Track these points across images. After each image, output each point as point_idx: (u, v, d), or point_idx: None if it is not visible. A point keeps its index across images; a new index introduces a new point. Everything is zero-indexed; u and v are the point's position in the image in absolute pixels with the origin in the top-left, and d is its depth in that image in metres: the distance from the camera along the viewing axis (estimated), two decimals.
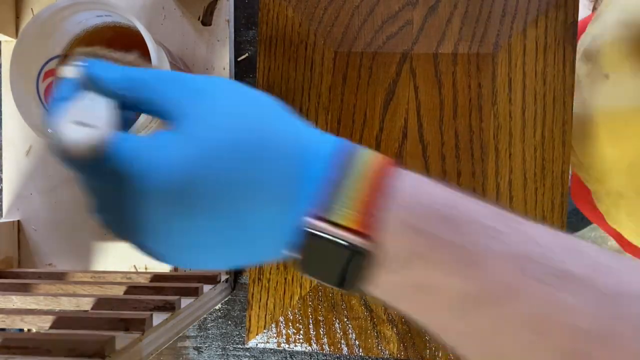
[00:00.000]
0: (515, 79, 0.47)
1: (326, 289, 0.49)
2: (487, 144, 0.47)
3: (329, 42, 0.50)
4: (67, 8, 0.39)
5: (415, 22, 0.49)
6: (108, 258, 0.52)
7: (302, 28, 0.50)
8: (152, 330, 0.35)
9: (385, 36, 0.49)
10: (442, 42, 0.48)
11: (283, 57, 0.50)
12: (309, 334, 0.49)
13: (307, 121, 0.27)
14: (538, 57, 0.47)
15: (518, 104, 0.47)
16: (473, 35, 0.48)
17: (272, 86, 0.50)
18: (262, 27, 0.51)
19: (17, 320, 0.35)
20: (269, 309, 0.50)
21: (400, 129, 0.49)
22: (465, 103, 0.48)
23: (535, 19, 0.47)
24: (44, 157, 0.53)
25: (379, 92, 0.49)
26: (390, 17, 0.49)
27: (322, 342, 0.49)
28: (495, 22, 0.47)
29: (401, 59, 0.49)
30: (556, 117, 0.47)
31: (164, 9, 0.51)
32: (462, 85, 0.48)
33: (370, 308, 0.48)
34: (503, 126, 0.47)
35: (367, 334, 0.48)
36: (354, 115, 0.49)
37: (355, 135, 0.49)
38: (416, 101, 0.48)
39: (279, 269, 0.50)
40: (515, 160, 0.47)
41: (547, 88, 0.47)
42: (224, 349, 0.54)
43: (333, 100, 0.50)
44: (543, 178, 0.47)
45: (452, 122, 0.48)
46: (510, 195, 0.47)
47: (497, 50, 0.47)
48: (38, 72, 0.42)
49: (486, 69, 0.47)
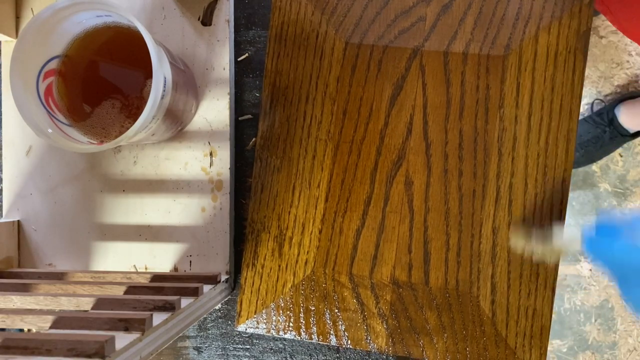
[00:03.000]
0: (524, 84, 0.47)
1: (319, 278, 0.49)
2: (491, 146, 0.47)
3: (340, 32, 0.49)
4: (67, 8, 0.39)
5: (428, 18, 0.48)
6: (108, 258, 0.52)
7: (315, 16, 0.50)
8: (152, 330, 0.35)
9: (397, 31, 0.49)
10: (454, 41, 0.48)
11: (293, 44, 0.50)
12: (299, 322, 0.49)
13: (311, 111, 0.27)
14: (548, 64, 0.47)
15: (525, 109, 0.47)
16: (485, 37, 0.48)
17: (281, 72, 0.50)
18: (274, 13, 0.50)
19: (17, 320, 0.35)
20: (261, 295, 0.50)
21: (405, 125, 0.48)
22: (472, 104, 0.48)
23: (548, 25, 0.47)
24: (44, 157, 0.53)
25: (386, 86, 0.49)
26: (404, 12, 0.49)
27: (311, 331, 0.49)
28: (508, 24, 0.47)
29: (411, 54, 0.48)
30: (561, 125, 0.47)
31: (164, 9, 0.51)
32: (470, 85, 0.48)
33: (361, 301, 0.48)
34: (508, 130, 0.47)
35: (356, 327, 0.48)
36: (360, 108, 0.49)
37: (360, 128, 0.49)
38: (423, 98, 0.48)
39: (274, 255, 0.50)
40: (517, 165, 0.47)
41: (555, 95, 0.47)
42: (224, 349, 0.54)
43: (340, 91, 0.49)
44: (544, 184, 0.47)
45: (458, 121, 0.48)
46: (510, 199, 0.47)
47: (508, 53, 0.47)
48: (38, 72, 0.42)
49: (495, 71, 0.47)
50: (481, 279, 0.47)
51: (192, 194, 0.51)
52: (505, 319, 0.47)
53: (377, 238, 0.49)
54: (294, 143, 0.50)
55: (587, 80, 1.14)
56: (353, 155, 0.49)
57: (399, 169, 0.48)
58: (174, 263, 0.51)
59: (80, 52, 0.44)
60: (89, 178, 0.52)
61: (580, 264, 1.18)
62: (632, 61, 1.13)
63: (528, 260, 0.47)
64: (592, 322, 1.17)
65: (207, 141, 0.51)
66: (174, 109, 0.44)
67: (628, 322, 1.17)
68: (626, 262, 0.36)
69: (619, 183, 1.16)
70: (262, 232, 0.50)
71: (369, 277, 0.49)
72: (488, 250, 0.47)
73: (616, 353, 1.17)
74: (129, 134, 0.38)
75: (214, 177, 0.51)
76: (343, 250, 0.49)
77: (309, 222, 0.50)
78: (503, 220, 0.47)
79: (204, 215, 0.51)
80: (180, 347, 0.54)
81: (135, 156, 0.52)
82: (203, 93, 0.51)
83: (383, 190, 0.49)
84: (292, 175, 0.50)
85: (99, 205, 0.52)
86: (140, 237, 0.52)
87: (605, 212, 0.37)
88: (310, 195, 0.50)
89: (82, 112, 0.45)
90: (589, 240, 0.39)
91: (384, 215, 0.48)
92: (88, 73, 0.45)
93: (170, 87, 0.41)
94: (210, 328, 0.54)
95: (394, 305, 0.48)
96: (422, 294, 0.48)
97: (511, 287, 0.47)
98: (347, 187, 0.49)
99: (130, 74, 0.45)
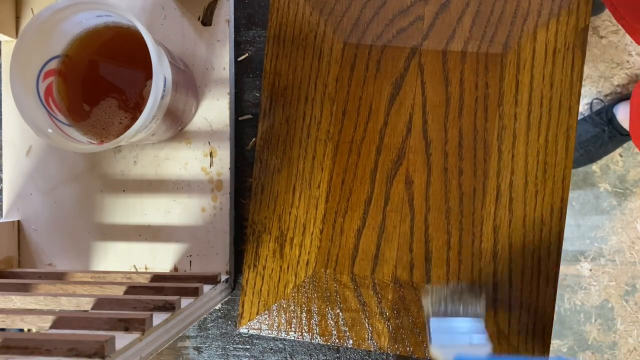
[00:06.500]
0: (523, 81, 0.47)
1: (320, 279, 0.49)
2: (491, 144, 0.47)
3: (338, 32, 0.50)
4: (67, 8, 0.39)
5: (426, 17, 0.49)
6: (108, 258, 0.52)
7: (313, 17, 0.50)
8: (152, 330, 0.35)
9: (396, 30, 0.49)
10: (452, 40, 0.48)
11: (292, 45, 0.50)
12: (301, 323, 0.49)
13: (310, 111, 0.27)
14: (547, 61, 0.47)
15: (524, 107, 0.47)
16: (483, 35, 0.48)
17: (280, 73, 0.50)
18: (272, 14, 0.50)
19: (17, 320, 0.35)
20: (263, 296, 0.50)
21: (405, 124, 0.49)
22: (471, 102, 0.48)
23: (546, 22, 0.47)
24: (44, 157, 0.53)
25: (385, 85, 0.49)
26: (402, 11, 0.49)
27: (314, 331, 0.49)
28: (507, 22, 0.47)
29: (410, 54, 0.49)
30: (561, 122, 0.47)
31: (164, 9, 0.51)
32: (469, 84, 0.48)
33: (363, 301, 0.48)
34: (507, 127, 0.47)
35: (359, 327, 0.48)
36: (359, 108, 0.49)
37: (360, 127, 0.49)
38: (422, 97, 0.48)
39: (275, 256, 0.50)
40: (517, 162, 0.47)
41: (554, 92, 0.47)
42: (224, 349, 0.54)
43: (339, 91, 0.49)
44: (544, 182, 0.47)
45: (457, 120, 0.48)
46: (511, 196, 0.47)
47: (507, 51, 0.47)
48: (38, 72, 0.42)
49: (494, 69, 0.47)
50: (482, 277, 0.47)
51: (192, 194, 0.51)
52: (507, 317, 0.47)
53: (378, 237, 0.49)
54: (294, 144, 0.50)
55: (587, 80, 1.14)
56: (353, 155, 0.49)
57: (399, 168, 0.48)
58: (174, 263, 0.51)
59: (80, 52, 0.44)
60: (89, 178, 0.52)
61: (580, 264, 1.18)
62: (632, 61, 1.14)
63: (529, 258, 0.47)
64: (592, 322, 1.17)
65: (207, 141, 0.51)
66: (174, 109, 0.44)
67: (628, 322, 1.16)
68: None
69: (619, 183, 1.16)
70: (263, 233, 0.50)
71: (371, 277, 0.48)
72: (489, 249, 0.47)
73: (616, 353, 1.17)
74: (129, 134, 0.38)
75: (214, 177, 0.51)
76: (344, 250, 0.49)
77: (309, 223, 0.49)
78: (504, 218, 0.47)
79: (204, 215, 0.51)
80: (180, 347, 0.54)
81: (135, 156, 0.51)
82: (203, 93, 0.51)
83: (383, 189, 0.49)
84: (292, 176, 0.50)
85: (99, 205, 0.52)
86: (140, 237, 0.51)
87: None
88: (310, 196, 0.50)
89: (82, 112, 0.45)
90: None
91: (385, 214, 0.48)
92: (88, 73, 0.45)
93: (170, 87, 0.41)
94: (210, 328, 0.54)
95: (396, 305, 0.48)
96: (423, 293, 0.48)
97: (513, 285, 0.47)
98: (347, 187, 0.49)
99: (130, 74, 0.45)
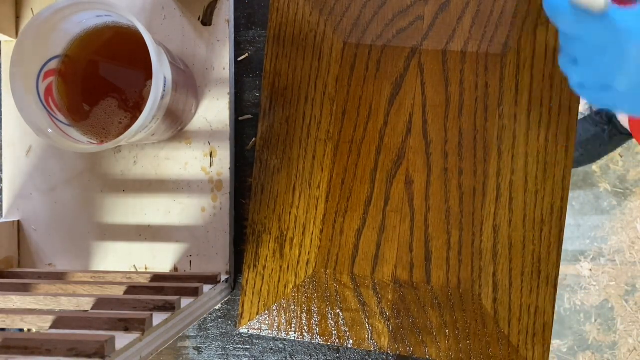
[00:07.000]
0: (523, 81, 0.47)
1: (320, 279, 0.49)
2: (491, 144, 0.47)
3: (338, 32, 0.50)
4: (67, 8, 0.39)
5: (426, 17, 0.49)
6: (108, 258, 0.52)
7: (313, 17, 0.50)
8: (152, 330, 0.35)
9: (396, 30, 0.49)
10: (452, 40, 0.48)
11: (292, 45, 0.50)
12: (301, 323, 0.49)
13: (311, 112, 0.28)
14: (547, 61, 0.47)
15: (524, 106, 0.47)
16: (483, 35, 0.48)
17: (280, 73, 0.50)
18: (272, 14, 0.50)
19: (17, 320, 0.35)
20: (263, 296, 0.50)
21: (405, 124, 0.49)
22: (471, 102, 0.48)
23: (546, 22, 0.47)
24: (44, 157, 0.53)
25: (385, 85, 0.49)
26: (402, 11, 0.49)
27: (314, 332, 0.49)
28: (506, 22, 0.47)
29: (410, 53, 0.49)
30: (561, 121, 0.47)
31: (164, 9, 0.51)
32: (469, 84, 0.48)
33: (363, 301, 0.48)
34: (507, 127, 0.47)
35: (359, 327, 0.48)
36: (359, 108, 0.49)
37: (360, 127, 0.49)
38: (422, 97, 0.48)
39: (275, 256, 0.50)
40: (517, 162, 0.47)
41: (554, 92, 0.47)
42: (224, 349, 0.54)
43: (339, 91, 0.49)
44: (544, 181, 0.47)
45: (457, 120, 0.48)
46: (511, 196, 0.47)
47: (506, 51, 0.47)
48: (38, 72, 0.42)
49: (494, 69, 0.47)
50: (483, 277, 0.47)
51: (192, 194, 0.51)
52: (508, 317, 0.47)
53: (378, 237, 0.48)
54: (294, 144, 0.50)
55: None
56: (353, 155, 0.49)
57: (399, 168, 0.48)
58: (174, 263, 0.51)
59: (80, 52, 0.44)
60: (89, 178, 0.52)
61: (580, 264, 1.18)
62: None
63: (529, 258, 0.47)
64: (592, 322, 1.17)
65: (207, 141, 0.51)
66: (174, 109, 0.44)
67: (628, 322, 1.17)
68: (584, 31, 0.34)
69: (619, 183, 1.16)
70: (263, 233, 0.50)
71: (371, 277, 0.48)
72: (489, 248, 0.47)
73: (616, 353, 1.17)
74: (129, 134, 0.38)
75: (214, 177, 0.51)
76: (344, 250, 0.49)
77: (309, 223, 0.49)
78: (504, 218, 0.47)
79: (204, 215, 0.51)
80: (180, 347, 0.54)
81: (135, 156, 0.51)
82: (203, 93, 0.51)
83: (383, 189, 0.49)
84: (292, 176, 0.50)
85: (99, 205, 0.52)
86: (140, 237, 0.51)
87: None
88: (310, 196, 0.50)
89: (82, 112, 0.45)
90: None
91: (385, 214, 0.48)
92: (88, 73, 0.45)
93: (170, 87, 0.41)
94: (210, 328, 0.54)
95: (396, 305, 0.48)
96: (424, 293, 0.48)
97: (513, 284, 0.47)
98: (347, 187, 0.49)
99: (130, 74, 0.45)
